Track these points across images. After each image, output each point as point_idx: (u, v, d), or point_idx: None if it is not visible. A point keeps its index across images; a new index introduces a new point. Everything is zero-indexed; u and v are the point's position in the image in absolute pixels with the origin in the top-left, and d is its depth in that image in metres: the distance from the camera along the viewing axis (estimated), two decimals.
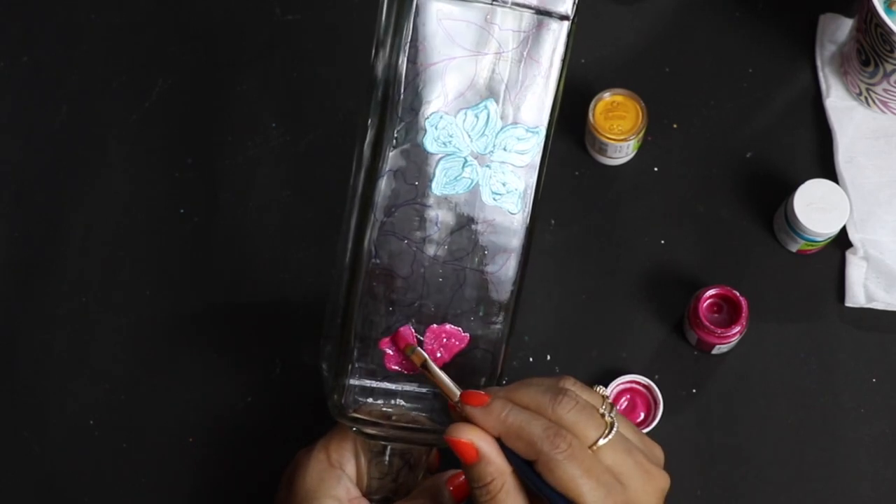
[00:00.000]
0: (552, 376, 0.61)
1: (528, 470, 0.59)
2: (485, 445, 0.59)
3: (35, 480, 0.84)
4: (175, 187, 0.90)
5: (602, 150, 0.86)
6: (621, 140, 0.85)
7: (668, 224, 0.87)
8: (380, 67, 0.61)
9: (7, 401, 0.86)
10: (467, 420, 0.60)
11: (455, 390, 0.62)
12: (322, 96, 0.91)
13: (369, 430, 0.65)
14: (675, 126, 0.90)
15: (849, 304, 0.84)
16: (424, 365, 0.63)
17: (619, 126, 0.85)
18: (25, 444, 0.85)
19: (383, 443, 0.67)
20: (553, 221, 0.88)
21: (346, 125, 0.89)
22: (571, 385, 0.61)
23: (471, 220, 0.62)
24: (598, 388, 0.62)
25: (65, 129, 0.92)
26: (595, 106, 0.85)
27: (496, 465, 0.59)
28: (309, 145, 0.90)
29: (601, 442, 0.59)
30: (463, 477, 0.70)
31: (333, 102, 0.91)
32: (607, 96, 0.85)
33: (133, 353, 0.86)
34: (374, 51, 0.62)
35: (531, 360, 0.85)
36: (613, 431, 0.59)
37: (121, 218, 0.90)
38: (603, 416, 0.60)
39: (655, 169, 0.89)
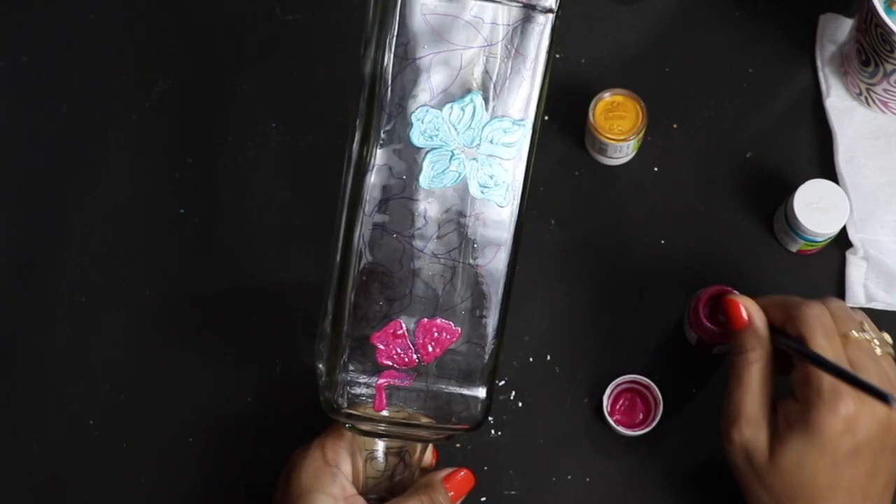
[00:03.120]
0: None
1: (781, 334, 0.69)
2: (756, 315, 0.70)
3: (35, 480, 0.84)
4: (175, 187, 0.90)
5: (602, 150, 0.86)
6: (621, 140, 0.85)
7: (668, 224, 0.87)
8: (367, 64, 0.61)
9: (7, 401, 0.86)
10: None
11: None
12: (322, 96, 0.91)
13: (363, 427, 0.65)
14: (675, 126, 0.90)
15: (849, 304, 0.84)
16: None
17: (619, 126, 0.85)
18: (25, 444, 0.85)
19: (378, 439, 0.67)
20: (553, 221, 0.88)
21: (346, 125, 0.88)
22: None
23: (459, 214, 0.63)
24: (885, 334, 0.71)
25: (65, 129, 0.92)
26: (595, 106, 0.85)
27: (760, 338, 0.70)
28: (309, 145, 0.91)
29: (854, 334, 0.67)
30: (460, 475, 0.70)
31: (333, 102, 0.91)
32: (607, 96, 0.85)
33: (133, 354, 0.86)
34: (362, 48, 0.62)
35: (531, 360, 0.85)
36: (868, 337, 0.68)
37: (121, 218, 0.90)
38: (864, 329, 0.68)
39: (655, 169, 0.89)
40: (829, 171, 0.87)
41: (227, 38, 0.94)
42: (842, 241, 0.85)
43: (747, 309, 0.70)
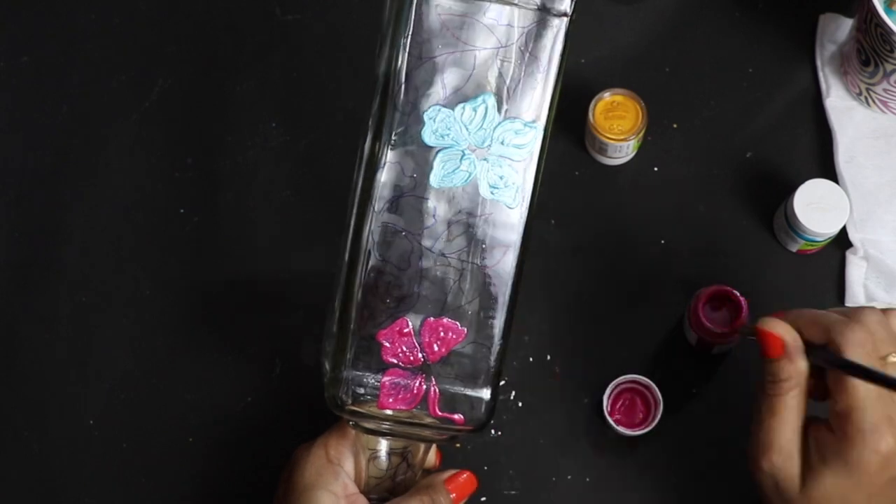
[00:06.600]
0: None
1: (820, 350, 0.64)
2: (792, 342, 0.64)
3: (35, 480, 0.84)
4: (175, 187, 0.90)
5: (602, 150, 0.87)
6: (621, 140, 0.85)
7: (668, 224, 0.87)
8: (381, 62, 0.61)
9: (7, 401, 0.86)
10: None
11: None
12: (322, 96, 0.91)
13: (367, 424, 0.65)
14: (675, 126, 0.90)
15: (849, 304, 0.84)
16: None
17: (619, 126, 0.85)
18: (25, 444, 0.85)
19: (381, 438, 0.67)
20: (553, 221, 0.88)
21: (346, 125, 0.89)
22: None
23: (469, 214, 0.63)
24: None
25: (65, 129, 0.92)
26: (595, 106, 0.85)
27: (797, 366, 0.64)
28: (309, 145, 0.91)
29: (892, 358, 0.63)
30: (463, 477, 0.70)
31: (333, 102, 0.91)
32: (607, 96, 0.85)
33: (133, 353, 0.87)
34: (377, 47, 0.62)
35: (531, 359, 0.85)
36: None
37: (121, 218, 0.90)
38: None
39: (655, 169, 0.89)
40: (829, 171, 0.87)
41: (227, 38, 0.94)
42: (842, 241, 0.85)
43: (783, 338, 0.65)
